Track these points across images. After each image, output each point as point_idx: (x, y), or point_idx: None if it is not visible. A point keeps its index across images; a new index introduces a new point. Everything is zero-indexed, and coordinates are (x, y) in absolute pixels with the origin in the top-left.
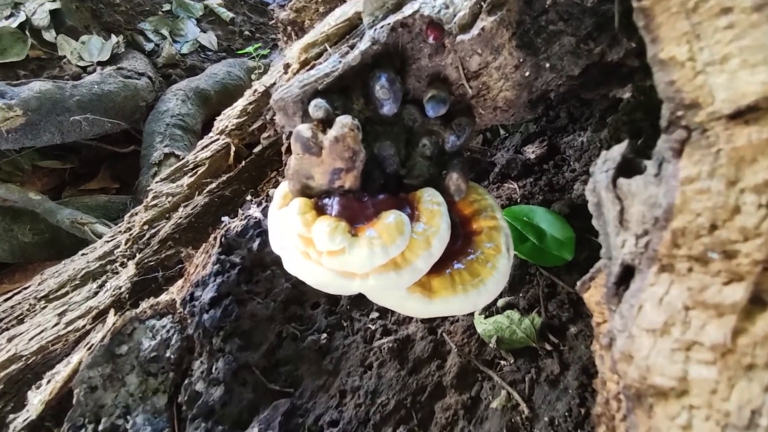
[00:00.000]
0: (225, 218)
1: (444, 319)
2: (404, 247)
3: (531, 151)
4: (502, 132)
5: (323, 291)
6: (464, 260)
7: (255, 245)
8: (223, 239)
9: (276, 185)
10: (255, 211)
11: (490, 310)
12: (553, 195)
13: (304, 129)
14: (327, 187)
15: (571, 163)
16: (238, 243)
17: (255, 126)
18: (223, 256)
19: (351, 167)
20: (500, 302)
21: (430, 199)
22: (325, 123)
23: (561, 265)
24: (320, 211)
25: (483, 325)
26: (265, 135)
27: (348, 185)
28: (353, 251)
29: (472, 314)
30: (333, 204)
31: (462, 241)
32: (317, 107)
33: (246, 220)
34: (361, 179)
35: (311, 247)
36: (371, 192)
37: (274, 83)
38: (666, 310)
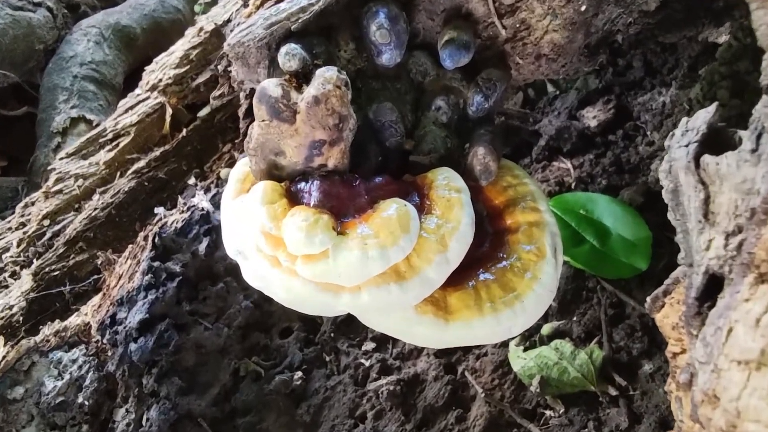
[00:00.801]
0: (159, 210)
1: (466, 351)
2: (410, 250)
3: (591, 116)
4: (550, 89)
5: (297, 311)
6: (494, 268)
7: (202, 247)
8: (156, 240)
9: (231, 164)
10: (201, 200)
11: (531, 340)
12: (622, 178)
13: (272, 86)
14: (303, 166)
15: (648, 132)
16: (178, 245)
17: (201, 80)
18: (156, 263)
19: (336, 139)
20: (545, 328)
21: (446, 184)
22: (301, 77)
23: (631, 276)
24: (294, 199)
25: (521, 361)
26: (215, 93)
27: (332, 164)
28: (340, 255)
29: (505, 345)
30: (312, 190)
31: (491, 242)
32: (290, 55)
33: (189, 213)
34: (351, 156)
35: (281, 249)
36: (365, 173)
37: (229, 20)
38: (765, 335)
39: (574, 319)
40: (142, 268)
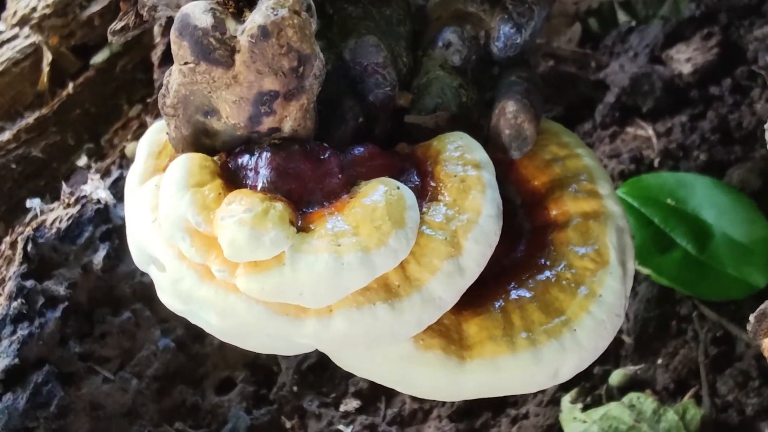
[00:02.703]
0: (33, 203)
1: (497, 411)
2: (406, 254)
3: (684, 59)
4: (622, 19)
5: (241, 349)
6: (532, 282)
7: (98, 258)
8: (29, 248)
9: (141, 134)
10: (97, 188)
11: (594, 394)
12: (731, 151)
13: (199, 12)
14: (246, 131)
15: None
16: (63, 255)
17: (94, 8)
18: (30, 283)
19: (295, 90)
20: (615, 376)
21: (459, 156)
22: None
23: (745, 297)
24: (233, 181)
25: (579, 426)
26: (115, 26)
27: (289, 127)
28: (301, 262)
29: (555, 402)
30: (259, 166)
31: (528, 243)
32: None
33: (78, 208)
34: (318, 117)
35: (215, 254)
36: (338, 142)
37: None
38: None
39: (659, 362)
40: (9, 290)
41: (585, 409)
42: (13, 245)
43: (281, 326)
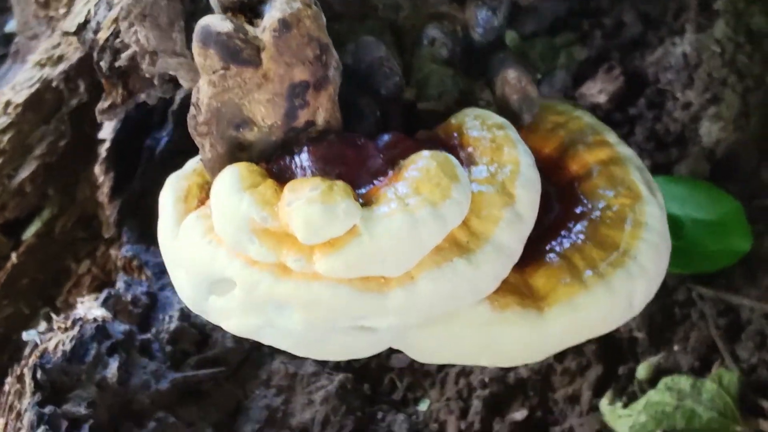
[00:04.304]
0: (30, 335)
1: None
2: (467, 207)
3: (597, 91)
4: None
5: (327, 357)
6: (578, 228)
7: (110, 373)
8: (39, 375)
9: (96, 287)
10: (90, 308)
11: (627, 391)
12: (668, 153)
13: (218, 21)
14: (283, 130)
15: (678, 93)
16: (74, 375)
17: (23, 175)
18: (48, 409)
19: (322, 79)
20: (641, 370)
21: (481, 123)
22: (247, 9)
23: (734, 263)
24: (281, 180)
25: (627, 420)
26: (102, 105)
27: (323, 118)
28: (377, 226)
29: (594, 409)
30: (304, 161)
31: (559, 201)
32: None
33: (77, 329)
34: (342, 114)
35: (287, 246)
36: (364, 135)
37: None
38: None
39: (676, 348)
40: (29, 420)
41: (626, 405)
42: (20, 378)
43: (368, 304)
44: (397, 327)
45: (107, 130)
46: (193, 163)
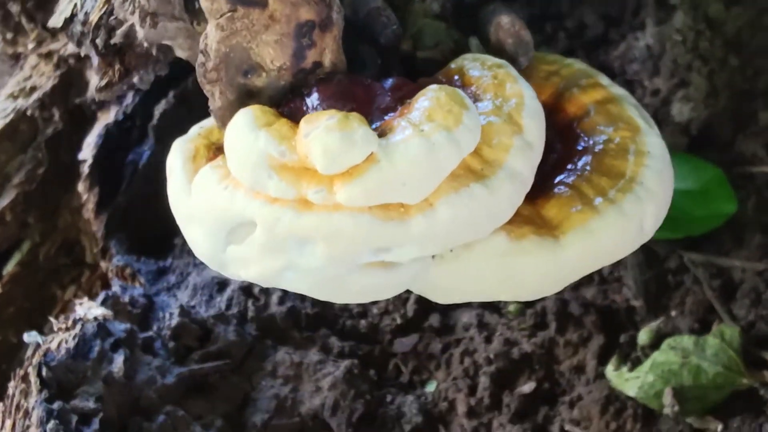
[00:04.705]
0: (30, 337)
1: (552, 403)
2: (479, 135)
3: None
4: None
5: (347, 300)
6: (583, 161)
7: (116, 368)
8: (45, 372)
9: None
10: (89, 308)
11: (631, 357)
12: None
13: None
14: (292, 72)
15: (646, 82)
16: (79, 372)
17: (2, 204)
18: (57, 404)
19: (327, 19)
20: (642, 336)
21: (481, 64)
22: None
23: (720, 225)
24: (293, 121)
25: (636, 381)
26: (100, 83)
27: (329, 60)
28: (396, 152)
29: (601, 376)
30: (314, 101)
31: (561, 141)
32: None
33: (78, 328)
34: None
35: (307, 178)
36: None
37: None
38: None
39: (673, 313)
40: (38, 416)
41: (632, 369)
42: (24, 378)
43: (389, 232)
44: (417, 262)
45: (87, 151)
46: (197, 128)
